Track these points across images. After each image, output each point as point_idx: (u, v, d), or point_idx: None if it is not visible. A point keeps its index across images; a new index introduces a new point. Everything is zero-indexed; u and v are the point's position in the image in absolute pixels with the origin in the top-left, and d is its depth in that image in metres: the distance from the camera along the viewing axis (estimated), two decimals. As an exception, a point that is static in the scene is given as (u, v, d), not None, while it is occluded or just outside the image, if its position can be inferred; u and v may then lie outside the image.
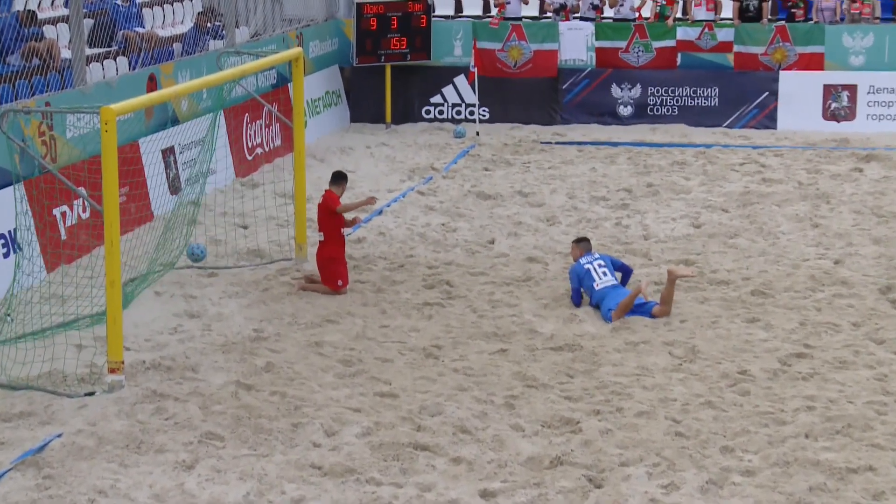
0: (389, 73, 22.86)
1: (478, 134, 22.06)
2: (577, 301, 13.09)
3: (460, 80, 23.11)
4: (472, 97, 22.71)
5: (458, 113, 23.17)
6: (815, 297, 13.33)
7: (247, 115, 19.12)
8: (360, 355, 11.66)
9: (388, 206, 17.38)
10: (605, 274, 13.01)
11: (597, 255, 13.32)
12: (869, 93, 22.08)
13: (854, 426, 9.92)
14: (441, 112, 23.22)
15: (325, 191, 13.60)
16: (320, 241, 13.53)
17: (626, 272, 13.28)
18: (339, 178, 13.69)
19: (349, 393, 10.73)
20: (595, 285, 12.92)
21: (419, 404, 10.43)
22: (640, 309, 12.63)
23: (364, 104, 23.23)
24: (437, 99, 23.23)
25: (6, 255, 13.01)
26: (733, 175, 19.06)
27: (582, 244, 13.54)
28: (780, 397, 10.62)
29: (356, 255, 14.92)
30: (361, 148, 21.13)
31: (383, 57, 22.67)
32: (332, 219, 13.40)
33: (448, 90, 23.22)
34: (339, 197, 13.51)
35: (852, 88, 22.13)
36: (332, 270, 13.40)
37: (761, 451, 9.54)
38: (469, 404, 10.47)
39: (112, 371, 10.70)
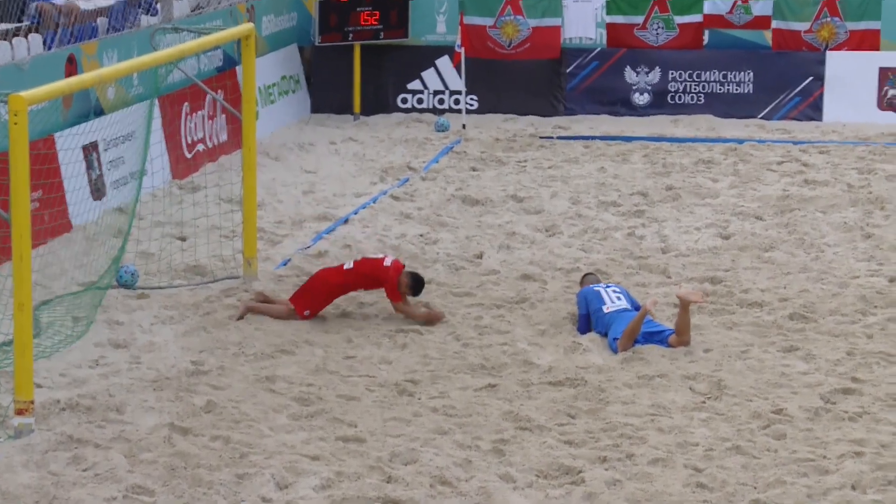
0: (359, 54, 22.96)
1: (464, 127, 22.16)
2: (582, 329, 13.20)
3: (444, 63, 23.22)
4: (457, 83, 22.81)
5: (441, 102, 23.27)
6: (865, 321, 13.43)
7: (186, 104, 19.18)
8: (319, 392, 11.71)
9: (356, 213, 17.45)
10: (618, 298, 13.14)
11: (611, 284, 13.51)
12: (933, 77, 22.28)
13: (910, 475, 10.03)
14: (420, 101, 23.31)
15: (398, 269, 13.43)
16: (343, 267, 13.50)
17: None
18: (419, 286, 13.45)
19: (306, 437, 10.78)
20: (604, 308, 13.03)
21: (390, 451, 10.49)
22: (654, 337, 12.72)
23: (328, 91, 23.31)
24: (415, 85, 23.33)
25: None
26: (770, 176, 19.19)
27: (589, 278, 13.84)
28: (823, 441, 10.71)
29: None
30: (324, 143, 21.20)
31: (351, 35, 22.77)
32: (373, 282, 13.46)
33: (429, 74, 23.33)
34: (403, 295, 13.40)
35: (913, 72, 22.33)
36: (316, 293, 13.42)
37: (799, 506, 9.65)
38: (450, 450, 10.53)
39: (20, 412, 10.72)
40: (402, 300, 13.43)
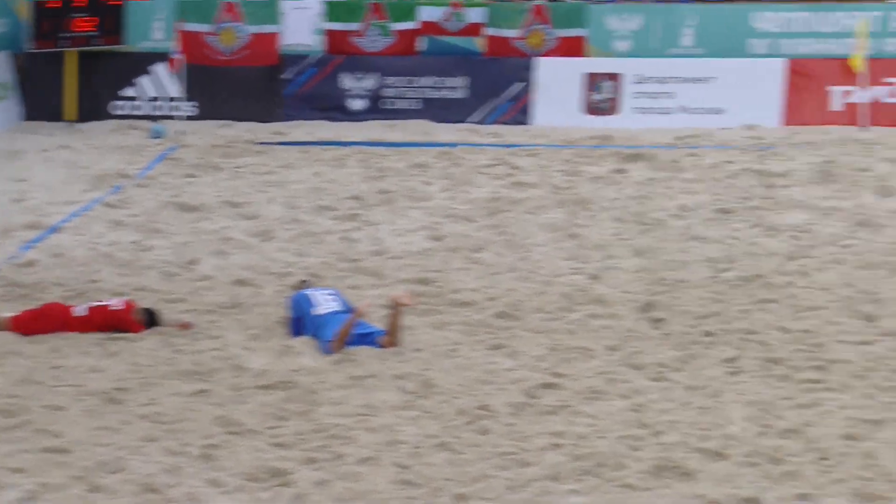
0: (74, 61, 22.51)
1: (180, 133, 21.92)
2: (295, 333, 13.19)
3: (161, 69, 22.95)
4: (174, 89, 22.56)
5: (158, 109, 23.00)
6: (567, 318, 13.78)
7: None
8: (24, 403, 11.39)
9: (68, 221, 17.08)
10: (332, 301, 13.18)
11: (324, 287, 13.56)
12: (635, 83, 23.03)
13: (605, 465, 10.30)
14: (136, 108, 23.00)
15: (129, 309, 13.18)
16: (74, 314, 13.08)
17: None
18: (153, 320, 13.26)
19: (9, 450, 10.47)
20: (313, 311, 13.04)
21: (96, 460, 10.28)
22: (366, 338, 12.79)
23: (41, 98, 22.81)
24: (131, 91, 23.01)
25: None
26: (480, 179, 19.55)
27: (304, 284, 13.90)
28: (525, 435, 10.93)
29: (25, 281, 14.61)
30: (35, 151, 20.69)
31: (65, 41, 22.31)
32: (111, 328, 13.15)
33: (145, 81, 23.04)
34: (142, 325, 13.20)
35: (616, 78, 23.02)
36: (44, 325, 12.98)
37: (501, 498, 9.80)
38: (158, 457, 10.39)
39: None
40: (145, 328, 13.23)
